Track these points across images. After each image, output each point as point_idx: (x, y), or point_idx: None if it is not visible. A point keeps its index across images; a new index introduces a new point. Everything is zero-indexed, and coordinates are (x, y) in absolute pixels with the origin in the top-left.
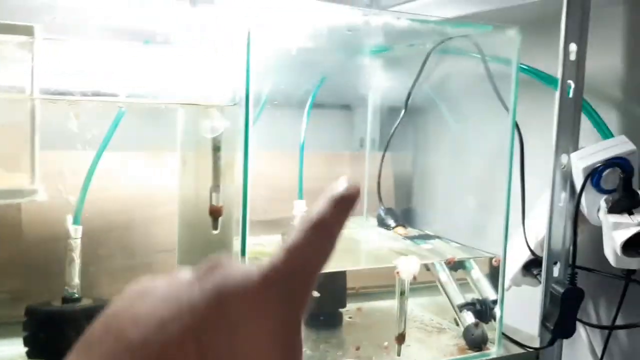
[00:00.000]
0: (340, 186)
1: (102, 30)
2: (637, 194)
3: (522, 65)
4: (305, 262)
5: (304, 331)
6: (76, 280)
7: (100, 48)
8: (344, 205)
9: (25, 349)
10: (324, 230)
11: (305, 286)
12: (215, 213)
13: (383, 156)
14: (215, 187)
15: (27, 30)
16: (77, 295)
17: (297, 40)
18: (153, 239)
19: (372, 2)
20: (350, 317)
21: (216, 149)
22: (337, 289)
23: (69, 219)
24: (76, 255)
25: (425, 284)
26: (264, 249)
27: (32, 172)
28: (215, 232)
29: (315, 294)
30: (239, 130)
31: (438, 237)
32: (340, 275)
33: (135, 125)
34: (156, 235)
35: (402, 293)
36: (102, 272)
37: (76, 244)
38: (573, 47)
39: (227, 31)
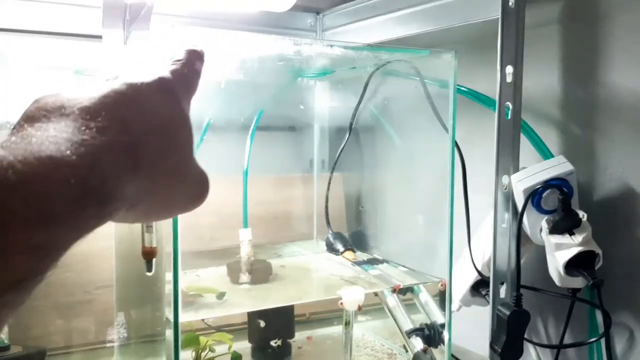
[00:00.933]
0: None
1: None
2: (577, 214)
3: (460, 87)
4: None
5: None
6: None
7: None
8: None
9: None
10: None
11: (192, 86)
12: (147, 255)
13: (330, 179)
14: (147, 227)
15: None
16: (5, 343)
17: (234, 67)
18: (93, 274)
19: (316, 22)
20: (299, 347)
21: None
22: (284, 320)
23: None
24: None
25: (378, 306)
26: (206, 283)
27: None
28: (149, 274)
29: (262, 323)
30: None
31: (386, 262)
32: (288, 308)
33: None
34: (97, 271)
35: (347, 323)
36: (35, 313)
37: None
38: (509, 69)
39: (152, 62)
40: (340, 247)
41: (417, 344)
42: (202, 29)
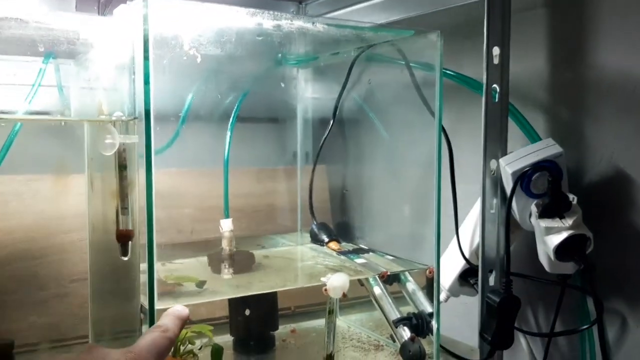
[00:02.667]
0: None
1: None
2: (567, 197)
3: (446, 71)
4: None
5: (234, 357)
6: None
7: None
8: (179, 319)
9: None
10: (165, 334)
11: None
12: (123, 237)
13: (313, 170)
14: (123, 209)
15: None
16: None
17: (208, 50)
18: (65, 268)
19: (299, 11)
20: (283, 340)
21: (122, 167)
22: (267, 311)
23: None
24: None
25: (362, 299)
26: (187, 273)
27: None
28: (124, 258)
29: (247, 311)
30: (137, 146)
31: (372, 251)
32: (271, 297)
33: (42, 146)
34: (71, 264)
35: (330, 312)
36: (8, 307)
37: None
38: (496, 50)
39: (124, 39)
40: (324, 238)
41: (405, 333)
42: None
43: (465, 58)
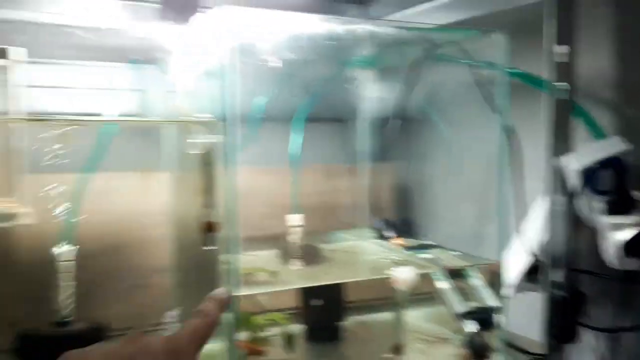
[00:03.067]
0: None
1: (85, 50)
2: (632, 194)
3: (510, 69)
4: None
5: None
6: (68, 303)
7: (83, 68)
8: (220, 303)
9: None
10: (206, 319)
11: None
12: (209, 228)
13: (378, 168)
14: (207, 203)
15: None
16: (69, 319)
17: (283, 52)
18: (147, 260)
19: (361, 12)
20: (350, 330)
21: (207, 164)
22: (334, 302)
23: (62, 242)
24: (68, 278)
25: (425, 295)
26: (258, 264)
27: (20, 195)
28: (209, 248)
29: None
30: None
31: (437, 247)
32: (338, 289)
33: (127, 146)
34: (150, 257)
35: (398, 303)
36: (96, 295)
37: (67, 266)
38: (562, 48)
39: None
40: (389, 234)
41: (470, 326)
42: (255, 9)
43: (529, 55)
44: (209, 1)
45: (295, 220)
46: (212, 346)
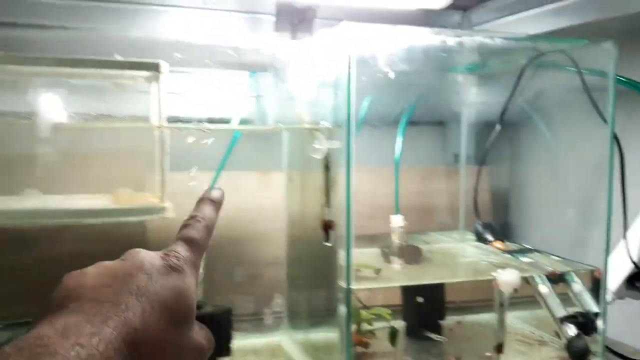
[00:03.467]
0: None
1: (217, 64)
2: None
3: (619, 77)
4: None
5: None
6: (200, 288)
7: (216, 78)
8: (213, 204)
9: None
10: (201, 222)
11: (197, 259)
12: (327, 227)
13: (479, 171)
14: (327, 203)
15: (154, 66)
16: (202, 301)
17: (394, 63)
18: (261, 252)
19: (464, 19)
20: (450, 329)
21: (327, 167)
22: (436, 301)
23: None
24: (201, 266)
25: (524, 298)
26: (361, 261)
27: (162, 191)
28: (327, 244)
29: (420, 299)
30: (340, 150)
31: (537, 251)
32: (439, 288)
33: (246, 148)
34: (264, 249)
35: (501, 304)
36: (217, 283)
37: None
38: None
39: (327, 59)
40: (489, 237)
41: (571, 330)
42: (368, 25)
43: (637, 64)
44: (320, 13)
45: (397, 220)
46: (326, 335)
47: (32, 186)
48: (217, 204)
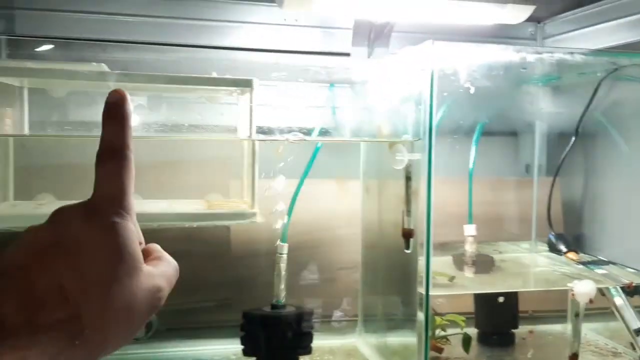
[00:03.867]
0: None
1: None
2: None
3: None
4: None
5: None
6: (283, 290)
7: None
8: (115, 114)
9: (242, 347)
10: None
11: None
12: (407, 235)
13: (553, 182)
14: (408, 211)
15: (247, 83)
16: (283, 303)
17: (474, 79)
18: (335, 257)
19: (537, 31)
20: (523, 338)
21: (408, 178)
22: (509, 310)
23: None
24: (283, 269)
25: (597, 310)
26: (437, 269)
27: (252, 198)
28: (407, 251)
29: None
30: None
31: (612, 263)
32: (513, 297)
33: (324, 157)
34: (339, 254)
35: (576, 315)
36: (294, 285)
37: (283, 259)
38: None
39: (409, 75)
40: (563, 248)
41: None
42: (451, 43)
43: None
44: (396, 27)
45: (470, 229)
46: (401, 338)
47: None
48: (125, 114)
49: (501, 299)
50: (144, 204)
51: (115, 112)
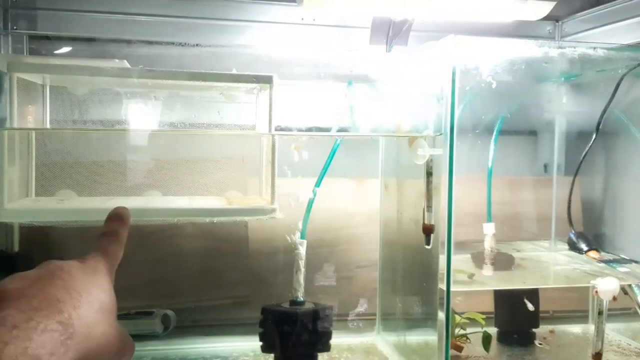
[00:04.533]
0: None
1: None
2: None
3: None
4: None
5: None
6: (302, 286)
7: (316, 89)
8: (119, 219)
9: (260, 343)
10: (116, 238)
11: (113, 263)
12: (428, 230)
13: (573, 180)
14: (429, 207)
15: (267, 79)
16: (301, 299)
17: (495, 75)
18: (354, 255)
19: (555, 29)
20: (544, 337)
21: (429, 174)
22: (529, 308)
23: (297, 234)
24: (302, 265)
25: (619, 311)
26: (457, 266)
27: (272, 194)
28: (427, 247)
29: (530, 306)
30: (441, 157)
31: (635, 261)
32: (533, 295)
33: (343, 155)
34: (356, 253)
35: (599, 313)
36: (312, 283)
37: (302, 256)
38: None
39: (430, 70)
40: (583, 246)
41: None
42: (472, 37)
43: None
44: (414, 25)
45: (490, 228)
46: (420, 337)
47: (153, 188)
48: (125, 220)
49: (529, 305)
50: (165, 200)
51: (126, 219)
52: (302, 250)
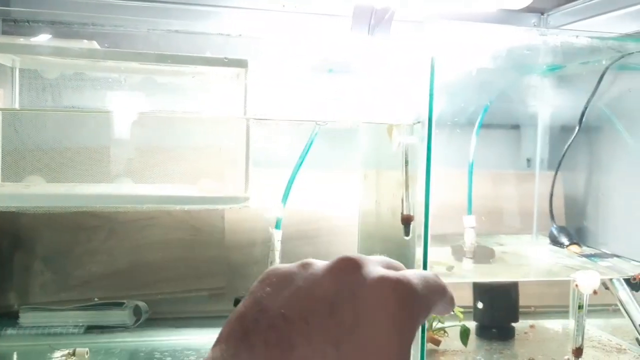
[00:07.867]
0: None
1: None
2: None
3: None
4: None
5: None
6: None
7: (295, 77)
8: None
9: None
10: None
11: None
12: (406, 220)
13: (555, 174)
14: (407, 196)
15: (242, 63)
16: None
17: (474, 63)
18: (334, 247)
19: (540, 22)
20: (525, 332)
21: (407, 162)
22: (509, 303)
23: (272, 225)
24: (277, 257)
25: (600, 306)
26: (433, 258)
27: (246, 182)
28: (407, 237)
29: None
30: (417, 147)
31: (616, 256)
32: (513, 289)
33: (323, 148)
34: (337, 244)
35: (580, 307)
36: None
37: (276, 246)
38: None
39: (407, 58)
40: (565, 240)
41: None
42: (452, 22)
43: None
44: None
45: (470, 221)
46: None
47: (124, 175)
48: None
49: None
50: (134, 187)
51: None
52: (277, 241)
